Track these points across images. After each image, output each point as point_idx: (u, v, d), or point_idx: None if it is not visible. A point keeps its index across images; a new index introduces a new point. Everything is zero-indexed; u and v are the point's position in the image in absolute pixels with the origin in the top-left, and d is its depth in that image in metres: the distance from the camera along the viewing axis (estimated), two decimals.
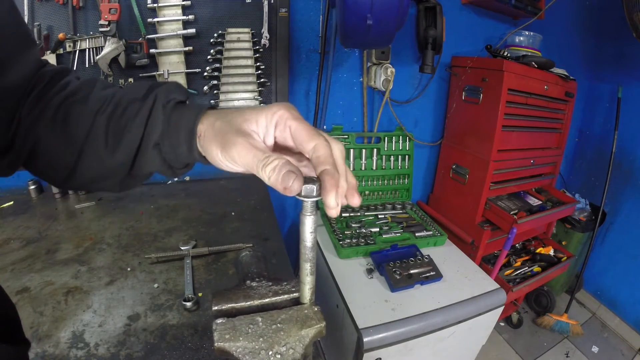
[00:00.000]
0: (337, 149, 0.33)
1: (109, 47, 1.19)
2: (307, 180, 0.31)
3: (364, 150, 1.68)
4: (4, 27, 0.35)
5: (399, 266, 1.25)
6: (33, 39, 0.41)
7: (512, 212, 1.62)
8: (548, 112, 1.70)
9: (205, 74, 1.35)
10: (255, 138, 0.33)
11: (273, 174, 0.30)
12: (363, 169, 1.69)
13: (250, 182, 1.50)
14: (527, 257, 1.90)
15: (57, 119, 0.37)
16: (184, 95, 0.38)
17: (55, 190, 1.24)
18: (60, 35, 1.16)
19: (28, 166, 0.39)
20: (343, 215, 1.59)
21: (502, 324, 2.08)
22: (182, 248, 0.96)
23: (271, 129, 0.34)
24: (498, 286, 1.28)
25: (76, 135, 0.37)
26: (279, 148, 0.36)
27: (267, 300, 0.45)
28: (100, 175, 0.39)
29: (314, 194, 0.31)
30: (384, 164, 1.72)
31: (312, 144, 0.32)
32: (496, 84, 1.45)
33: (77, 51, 1.21)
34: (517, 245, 1.98)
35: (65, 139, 0.37)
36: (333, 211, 0.31)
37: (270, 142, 0.35)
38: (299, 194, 0.31)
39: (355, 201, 0.33)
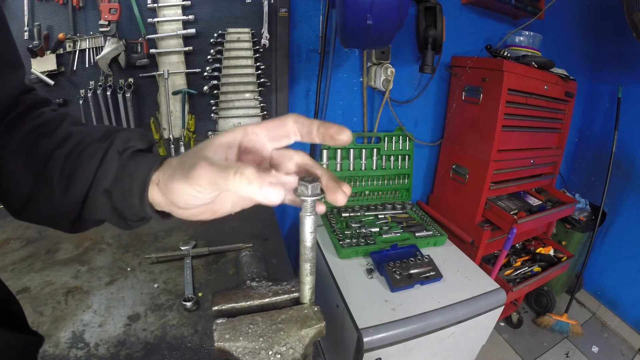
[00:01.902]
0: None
1: (109, 47, 1.19)
2: (308, 180, 0.31)
3: (364, 150, 1.68)
4: None
5: (399, 266, 1.25)
6: (20, 63, 0.40)
7: (512, 212, 1.62)
8: (548, 112, 1.70)
9: (205, 74, 1.35)
10: (215, 157, 0.31)
11: (254, 181, 0.27)
12: (363, 169, 1.69)
13: None
14: (527, 257, 1.90)
15: (23, 146, 0.36)
16: (144, 143, 0.36)
17: None
18: (60, 35, 1.16)
19: None
20: (343, 215, 1.59)
21: (502, 324, 2.08)
22: (182, 248, 0.96)
23: (232, 150, 0.33)
24: (498, 286, 1.28)
25: (35, 167, 0.35)
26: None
27: (267, 300, 0.45)
28: (52, 213, 0.37)
29: (317, 192, 0.32)
30: (384, 164, 1.72)
31: (289, 123, 0.33)
32: (496, 84, 1.45)
33: (77, 51, 1.21)
34: (517, 245, 1.98)
35: (25, 168, 0.36)
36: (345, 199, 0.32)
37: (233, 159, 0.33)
38: (305, 195, 0.31)
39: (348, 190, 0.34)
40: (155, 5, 1.22)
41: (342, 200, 0.33)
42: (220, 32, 1.32)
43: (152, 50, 1.26)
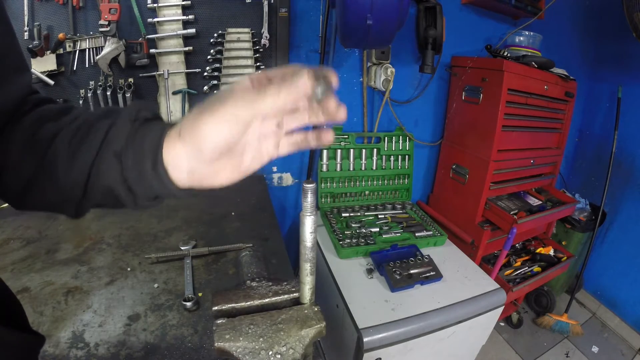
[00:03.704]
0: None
1: (109, 47, 1.19)
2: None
3: (364, 150, 1.68)
4: None
5: (399, 266, 1.25)
6: (26, 66, 0.40)
7: (512, 212, 1.62)
8: (548, 112, 1.70)
9: (205, 74, 1.35)
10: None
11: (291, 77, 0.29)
12: (363, 169, 1.69)
13: (250, 182, 1.50)
14: (527, 257, 1.90)
15: (26, 133, 0.36)
16: (153, 114, 0.36)
17: None
18: (60, 35, 1.16)
19: None
20: (343, 215, 1.59)
21: (502, 324, 2.08)
22: (182, 248, 0.96)
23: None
24: (498, 286, 1.28)
25: (38, 149, 0.35)
26: None
27: (267, 300, 0.45)
28: (56, 197, 0.36)
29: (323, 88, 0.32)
30: (384, 164, 1.72)
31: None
32: (496, 84, 1.45)
33: (77, 51, 1.21)
34: (517, 245, 1.98)
35: (28, 152, 0.35)
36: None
37: None
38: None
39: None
40: (155, 5, 1.22)
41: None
42: (220, 32, 1.32)
43: (152, 50, 1.26)
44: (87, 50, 1.22)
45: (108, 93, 1.24)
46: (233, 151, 0.33)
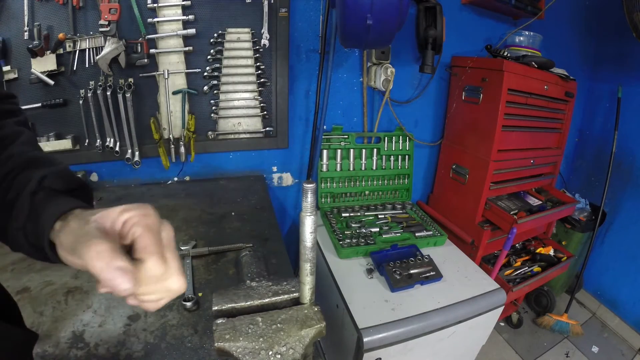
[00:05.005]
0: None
1: (109, 47, 1.19)
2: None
3: (364, 150, 1.68)
4: None
5: (399, 266, 1.25)
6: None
7: (512, 212, 1.62)
8: (548, 112, 1.70)
9: (205, 74, 1.35)
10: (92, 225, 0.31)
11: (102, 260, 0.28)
12: (363, 169, 1.69)
13: (250, 182, 1.51)
14: (527, 257, 1.90)
15: None
16: (61, 184, 0.37)
17: None
18: (60, 35, 1.16)
19: None
20: (343, 215, 1.59)
21: (502, 324, 2.08)
22: (182, 248, 0.96)
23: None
24: (498, 286, 1.28)
25: None
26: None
27: (267, 300, 0.45)
28: None
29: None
30: (384, 164, 1.72)
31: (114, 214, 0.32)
32: (496, 84, 1.45)
33: (77, 51, 1.21)
34: (517, 245, 1.97)
35: None
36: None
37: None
38: None
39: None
40: (155, 5, 1.22)
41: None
42: (220, 32, 1.32)
43: (152, 50, 1.26)
44: (87, 50, 1.22)
45: (108, 93, 1.24)
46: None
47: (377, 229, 1.49)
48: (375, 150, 1.69)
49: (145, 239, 0.31)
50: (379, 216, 1.61)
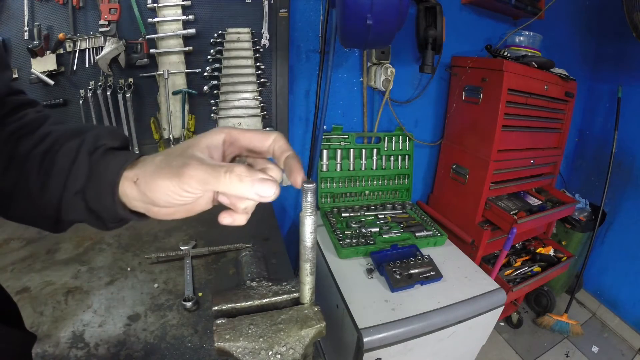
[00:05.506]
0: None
1: (109, 47, 1.19)
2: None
3: (364, 150, 1.68)
4: None
5: (399, 266, 1.25)
6: (6, 64, 0.41)
7: (512, 212, 1.62)
8: (548, 112, 1.70)
9: (205, 74, 1.35)
10: (204, 157, 0.32)
11: (245, 178, 0.29)
12: (363, 169, 1.69)
13: None
14: (527, 257, 1.90)
15: (5, 147, 0.36)
16: (116, 141, 0.36)
17: None
18: (60, 35, 1.16)
19: None
20: (343, 215, 1.59)
21: (502, 324, 2.08)
22: (182, 248, 0.96)
23: (217, 150, 0.34)
24: (498, 286, 1.28)
25: (16, 166, 0.35)
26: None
27: (267, 300, 0.45)
28: (34, 213, 0.37)
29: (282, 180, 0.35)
30: (384, 164, 1.72)
31: (270, 139, 0.35)
32: (496, 84, 1.45)
33: (77, 51, 1.21)
34: (517, 245, 1.97)
35: (7, 168, 0.35)
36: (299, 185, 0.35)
37: (218, 159, 0.35)
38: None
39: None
40: (155, 5, 1.22)
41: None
42: (220, 32, 1.32)
43: (152, 50, 1.26)
44: (87, 50, 1.22)
45: (108, 93, 1.24)
46: (188, 203, 0.35)
47: (377, 229, 1.49)
48: (375, 150, 1.69)
49: (296, 162, 0.34)
50: (379, 216, 1.61)
